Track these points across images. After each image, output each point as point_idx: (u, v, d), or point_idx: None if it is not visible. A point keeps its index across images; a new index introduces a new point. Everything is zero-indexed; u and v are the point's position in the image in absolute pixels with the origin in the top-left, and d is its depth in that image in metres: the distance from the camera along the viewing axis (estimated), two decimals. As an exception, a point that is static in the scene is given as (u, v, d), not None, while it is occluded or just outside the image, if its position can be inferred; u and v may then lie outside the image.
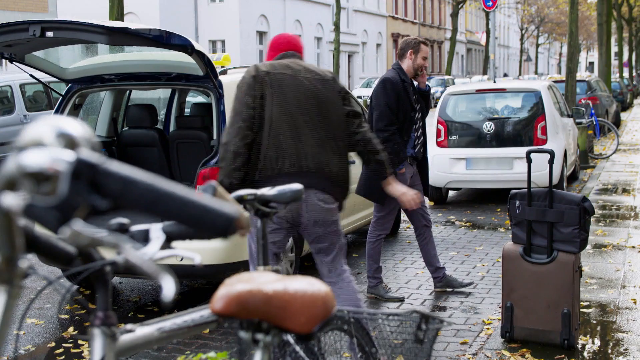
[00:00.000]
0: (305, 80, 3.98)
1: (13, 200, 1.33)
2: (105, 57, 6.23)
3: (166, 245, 1.65)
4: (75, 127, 1.42)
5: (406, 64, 5.78)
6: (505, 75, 62.29)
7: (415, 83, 5.88)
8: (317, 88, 3.99)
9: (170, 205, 1.39)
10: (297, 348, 2.11)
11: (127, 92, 7.08)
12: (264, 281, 1.93)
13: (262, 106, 3.85)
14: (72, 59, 6.25)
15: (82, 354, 4.80)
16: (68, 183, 1.34)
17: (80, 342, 5.01)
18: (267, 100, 3.85)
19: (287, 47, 4.15)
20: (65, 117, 1.46)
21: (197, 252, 1.69)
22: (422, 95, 5.89)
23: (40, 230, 1.57)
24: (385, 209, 5.79)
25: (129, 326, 1.76)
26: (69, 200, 1.34)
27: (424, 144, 5.94)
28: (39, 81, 6.41)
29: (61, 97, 6.21)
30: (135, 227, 1.67)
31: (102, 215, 1.44)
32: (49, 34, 5.11)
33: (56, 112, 6.18)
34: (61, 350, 4.89)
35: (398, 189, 4.50)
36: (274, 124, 3.84)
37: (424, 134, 5.92)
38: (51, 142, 1.38)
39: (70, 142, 1.39)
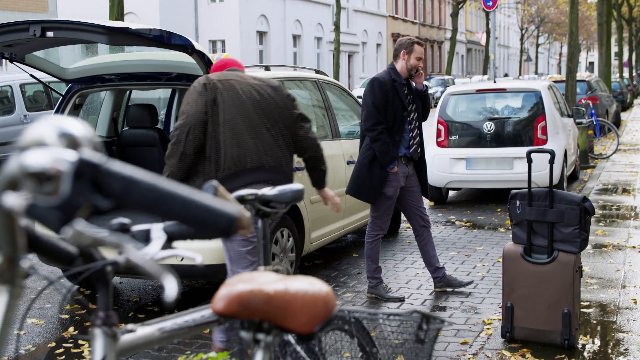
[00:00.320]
0: (255, 85, 4.26)
1: (15, 200, 1.33)
2: (105, 57, 6.23)
3: (167, 245, 1.65)
4: (77, 127, 1.42)
5: (400, 65, 5.79)
6: (506, 75, 62.31)
7: (413, 84, 5.88)
8: (266, 92, 4.26)
9: (173, 205, 1.39)
10: (298, 348, 2.11)
11: (128, 92, 7.08)
12: (265, 281, 1.93)
13: (216, 111, 4.08)
14: (73, 59, 6.25)
15: (83, 354, 4.80)
16: (70, 183, 1.34)
17: (80, 342, 5.01)
18: (220, 104, 4.09)
19: (231, 64, 4.48)
20: (67, 117, 1.46)
21: (198, 252, 1.69)
22: (419, 96, 5.88)
23: (41, 230, 1.57)
24: (380, 209, 5.79)
25: (129, 326, 1.76)
26: (71, 200, 1.34)
27: (421, 144, 5.92)
28: (39, 81, 6.41)
29: (61, 97, 6.22)
30: (136, 227, 1.67)
31: (103, 215, 1.44)
32: (50, 33, 5.11)
33: (56, 112, 6.18)
34: (61, 350, 4.89)
35: (330, 194, 4.58)
36: (231, 124, 4.08)
37: (420, 134, 5.91)
38: (53, 142, 1.38)
39: (72, 142, 1.39)
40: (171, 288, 1.40)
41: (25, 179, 1.34)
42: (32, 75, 6.33)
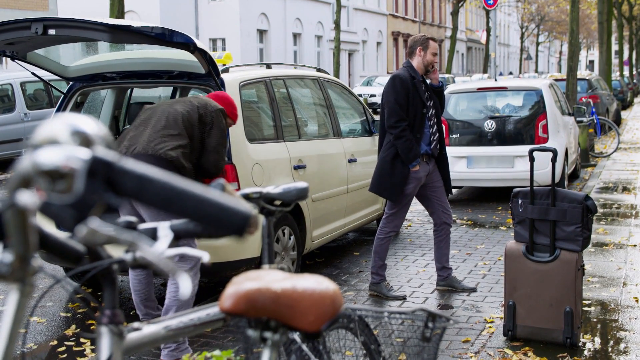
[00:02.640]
0: None
1: (28, 198, 1.33)
2: (106, 55, 6.22)
3: (174, 243, 1.65)
4: (90, 125, 1.41)
5: (416, 61, 5.79)
6: (510, 73, 62.24)
7: (428, 80, 5.89)
8: None
9: (186, 203, 1.39)
10: (304, 346, 2.11)
11: (129, 90, 7.08)
12: (272, 279, 1.93)
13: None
14: (74, 57, 6.24)
15: (84, 352, 4.80)
16: (84, 181, 1.34)
17: (82, 340, 5.01)
18: None
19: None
20: (79, 115, 1.46)
21: (203, 250, 1.69)
22: (435, 92, 5.89)
23: (49, 228, 1.57)
24: (397, 206, 5.80)
25: (135, 324, 1.76)
26: (85, 198, 1.34)
27: (441, 141, 5.93)
28: (41, 79, 6.40)
29: (63, 95, 6.21)
30: (143, 226, 1.67)
31: (112, 214, 1.44)
32: (51, 31, 5.10)
33: (57, 110, 6.18)
34: (63, 348, 4.89)
35: None
36: None
37: (439, 130, 5.91)
38: (66, 140, 1.38)
39: (85, 140, 1.39)
40: (186, 286, 1.40)
41: (39, 177, 1.34)
42: (33, 74, 6.32)
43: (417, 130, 5.68)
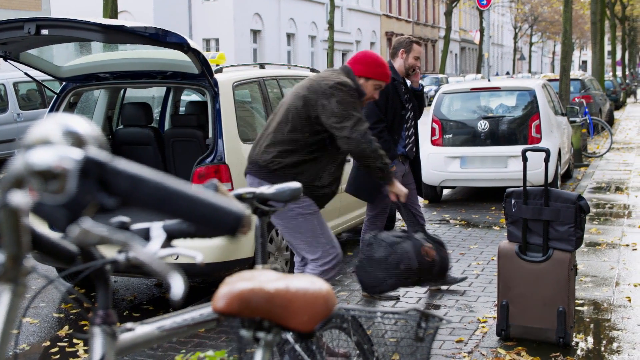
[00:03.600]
0: None
1: (21, 198, 1.33)
2: (100, 55, 6.22)
3: (167, 243, 1.65)
4: (82, 125, 1.41)
5: (398, 63, 5.80)
6: (507, 73, 62.36)
7: (409, 82, 5.89)
8: None
9: (179, 204, 1.39)
10: (297, 347, 2.11)
11: (122, 90, 7.07)
12: (265, 279, 1.93)
13: None
14: (67, 57, 6.23)
15: (77, 353, 4.79)
16: (76, 181, 1.34)
17: (75, 340, 5.00)
18: None
19: None
20: (72, 115, 1.46)
21: (196, 250, 1.69)
22: (415, 95, 5.90)
23: (41, 228, 1.57)
24: (377, 207, 5.80)
25: (129, 325, 1.76)
26: (78, 198, 1.34)
27: (416, 143, 5.95)
28: (34, 79, 6.39)
29: (56, 96, 6.20)
30: (136, 226, 1.67)
31: (105, 214, 1.44)
32: (44, 31, 5.09)
33: (51, 110, 6.16)
34: (56, 349, 4.88)
35: None
36: None
37: (415, 132, 5.93)
38: (58, 140, 1.38)
39: (77, 140, 1.39)
40: (178, 286, 1.40)
41: (31, 177, 1.33)
42: (26, 74, 6.31)
43: (395, 131, 5.69)
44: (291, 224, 4.20)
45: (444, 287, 6.00)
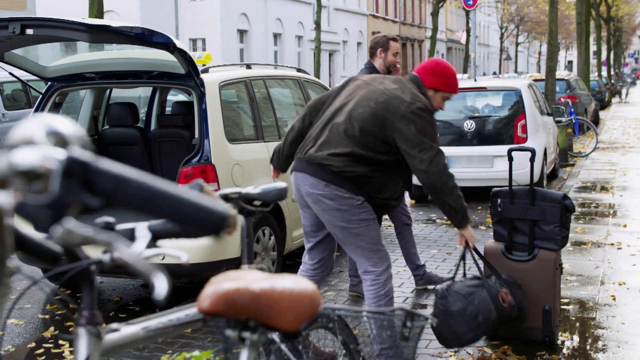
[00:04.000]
0: None
1: (4, 198, 1.32)
2: (85, 55, 6.19)
3: (152, 244, 1.65)
4: (66, 125, 1.41)
5: (378, 62, 5.82)
6: (494, 73, 62.53)
7: None
8: None
9: (163, 204, 1.39)
10: (283, 346, 2.11)
11: (108, 90, 7.04)
12: (251, 279, 1.93)
13: None
14: (52, 57, 6.20)
15: (63, 354, 4.76)
16: (60, 181, 1.34)
17: (60, 342, 4.98)
18: None
19: None
20: (55, 115, 1.46)
21: (182, 250, 1.69)
22: None
23: (25, 229, 1.56)
24: None
25: (114, 325, 1.75)
26: (61, 198, 1.34)
27: None
28: (19, 79, 6.35)
29: (41, 96, 6.17)
30: (121, 226, 1.66)
31: (90, 214, 1.43)
32: (29, 31, 5.07)
33: (36, 110, 6.13)
34: (41, 350, 4.85)
35: None
36: None
37: None
38: (42, 140, 1.37)
39: (61, 140, 1.39)
40: (162, 286, 1.40)
41: (15, 178, 1.33)
42: (11, 74, 6.27)
43: None
44: (352, 228, 4.03)
45: (430, 287, 6.02)
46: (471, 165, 10.00)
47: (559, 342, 4.63)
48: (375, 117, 3.96)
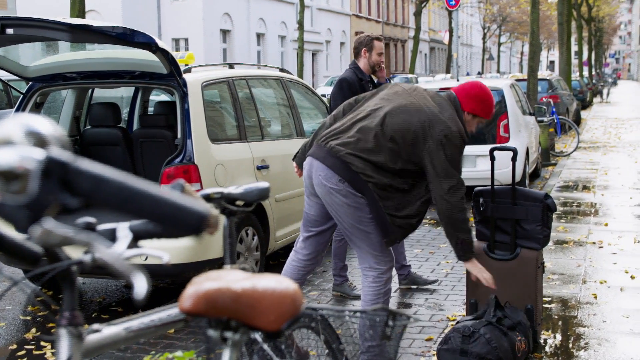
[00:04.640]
0: None
1: None
2: (67, 55, 6.15)
3: (133, 244, 1.64)
4: (44, 125, 1.40)
5: (362, 62, 5.83)
6: (479, 73, 62.81)
7: (375, 79, 5.92)
8: None
9: (142, 204, 1.39)
10: (265, 346, 2.11)
11: (90, 90, 7.00)
12: (232, 279, 1.93)
13: None
14: (34, 56, 6.16)
15: (45, 356, 4.73)
16: (38, 181, 1.33)
17: (42, 343, 4.95)
18: None
19: None
20: (34, 116, 1.45)
21: (164, 251, 1.68)
22: None
23: (5, 229, 1.55)
24: None
25: (95, 326, 1.74)
26: (40, 198, 1.33)
27: None
28: (-1, 79, 6.31)
29: (22, 96, 6.12)
30: (102, 226, 1.66)
31: (70, 215, 1.43)
32: (10, 31, 5.04)
33: (17, 110, 6.09)
34: (23, 352, 4.82)
35: None
36: None
37: None
38: (20, 140, 1.37)
39: (39, 141, 1.38)
40: (141, 286, 1.40)
41: None
42: (-9, 73, 6.23)
43: None
44: (363, 226, 4.01)
45: (413, 286, 6.04)
46: (454, 164, 10.01)
47: (541, 340, 4.66)
48: (409, 132, 3.93)
